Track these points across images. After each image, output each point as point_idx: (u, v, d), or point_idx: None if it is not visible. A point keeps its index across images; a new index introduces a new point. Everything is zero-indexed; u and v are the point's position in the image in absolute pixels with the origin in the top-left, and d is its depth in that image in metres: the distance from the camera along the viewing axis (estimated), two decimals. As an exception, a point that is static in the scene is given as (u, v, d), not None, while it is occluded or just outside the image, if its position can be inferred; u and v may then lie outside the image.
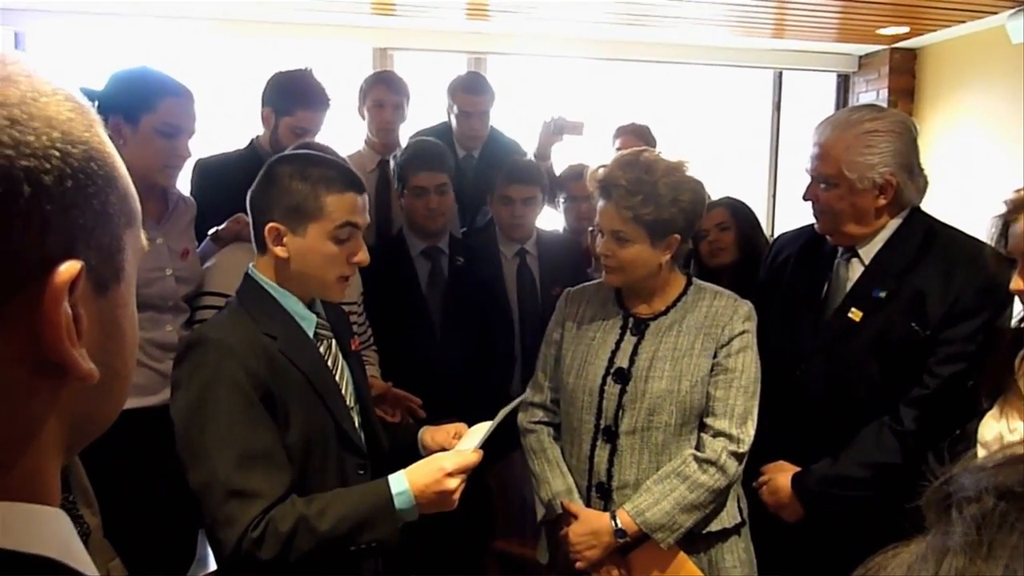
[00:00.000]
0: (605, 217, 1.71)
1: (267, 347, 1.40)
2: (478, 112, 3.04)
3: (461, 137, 3.03)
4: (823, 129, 1.84)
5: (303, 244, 1.44)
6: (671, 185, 1.66)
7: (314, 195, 1.42)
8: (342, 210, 1.44)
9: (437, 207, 2.50)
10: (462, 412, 2.18)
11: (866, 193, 1.79)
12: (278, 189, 1.43)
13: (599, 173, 1.71)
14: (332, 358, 1.55)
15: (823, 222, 1.88)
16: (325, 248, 1.44)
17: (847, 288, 1.86)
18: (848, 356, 1.81)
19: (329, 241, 1.44)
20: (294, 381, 1.41)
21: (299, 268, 1.45)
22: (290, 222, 1.43)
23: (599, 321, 1.83)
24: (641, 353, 1.74)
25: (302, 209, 1.42)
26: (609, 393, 1.73)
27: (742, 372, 1.71)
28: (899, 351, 1.76)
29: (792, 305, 1.93)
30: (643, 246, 1.70)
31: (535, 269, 2.74)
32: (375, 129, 3.02)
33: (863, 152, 1.77)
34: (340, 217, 1.44)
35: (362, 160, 2.93)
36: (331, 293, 1.52)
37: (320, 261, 1.45)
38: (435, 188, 2.49)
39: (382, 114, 2.98)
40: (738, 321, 1.74)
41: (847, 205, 1.81)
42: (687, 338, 1.73)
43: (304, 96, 2.50)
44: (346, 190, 1.45)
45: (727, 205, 2.78)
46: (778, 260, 2.06)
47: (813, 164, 1.84)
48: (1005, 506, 0.37)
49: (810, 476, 1.83)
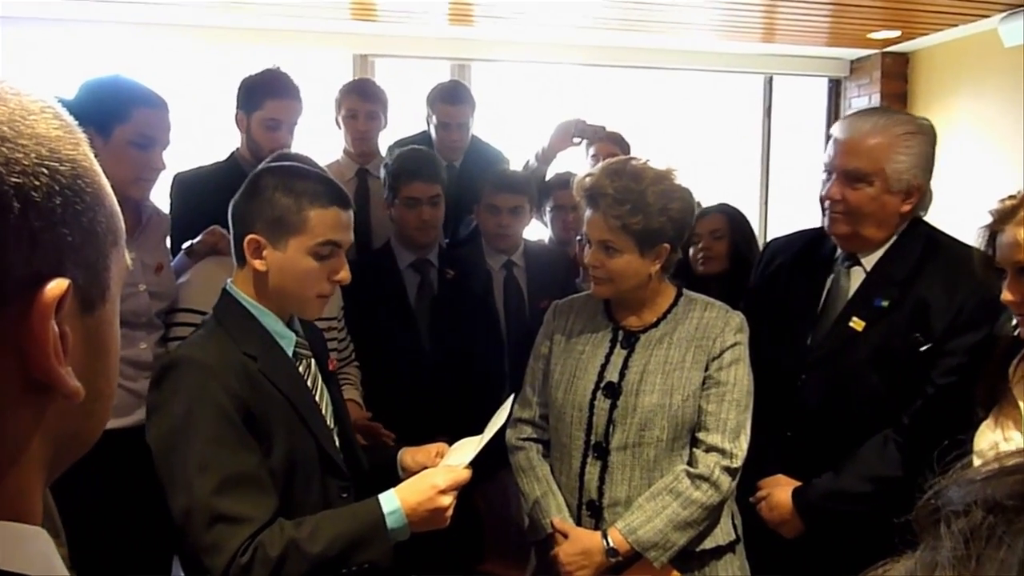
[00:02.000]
0: (593, 227, 1.72)
1: (247, 367, 1.40)
2: (457, 123, 3.05)
3: (441, 147, 3.04)
4: (857, 124, 1.82)
5: (283, 258, 1.44)
6: (660, 193, 1.68)
7: (297, 208, 1.42)
8: (325, 226, 1.44)
9: (430, 219, 2.50)
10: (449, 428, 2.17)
11: (896, 196, 1.80)
12: (261, 200, 1.44)
13: (586, 182, 1.72)
14: (312, 378, 1.55)
15: (842, 223, 1.83)
16: (305, 264, 1.44)
17: (848, 296, 1.87)
18: (849, 367, 1.81)
19: (309, 257, 1.44)
20: (275, 403, 1.41)
21: (278, 283, 1.45)
22: (271, 235, 1.43)
23: (588, 334, 1.83)
24: (631, 367, 1.75)
25: (284, 222, 1.43)
26: (599, 408, 1.74)
27: (734, 385, 1.72)
28: (901, 361, 1.77)
29: (788, 314, 1.94)
30: (632, 256, 1.71)
31: (522, 281, 2.75)
32: (350, 139, 3.04)
33: (903, 152, 1.78)
34: (322, 233, 1.44)
35: (340, 170, 2.93)
36: (309, 310, 1.52)
37: (299, 277, 1.45)
38: (428, 199, 2.49)
39: (356, 124, 3.00)
40: (730, 333, 1.75)
41: (877, 206, 1.80)
42: (678, 351, 1.74)
43: (270, 86, 2.49)
44: (330, 205, 1.45)
45: (724, 213, 2.79)
46: (771, 267, 2.07)
47: (842, 159, 1.80)
48: (993, 520, 0.38)
49: (811, 491, 1.83)
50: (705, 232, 2.72)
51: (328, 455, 1.49)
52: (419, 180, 2.48)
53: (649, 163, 1.73)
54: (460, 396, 2.46)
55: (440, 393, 2.45)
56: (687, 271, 2.71)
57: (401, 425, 2.29)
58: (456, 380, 2.48)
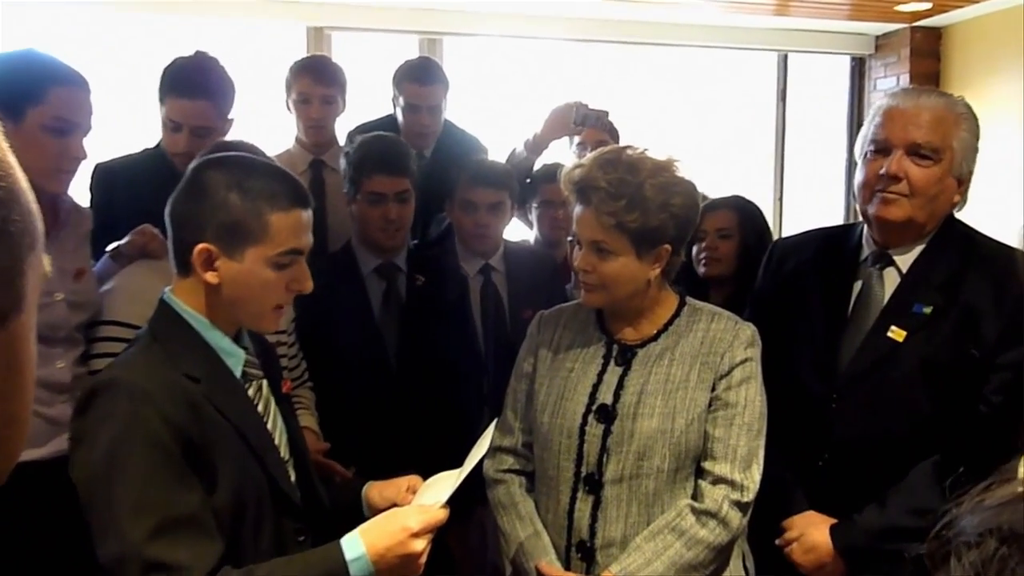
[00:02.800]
0: (583, 225, 1.73)
1: (188, 391, 1.39)
2: (428, 105, 3.05)
3: (409, 134, 3.04)
4: (916, 95, 1.84)
5: (238, 270, 1.43)
6: (659, 187, 1.68)
7: (256, 213, 1.42)
8: (288, 232, 1.44)
9: (397, 217, 2.49)
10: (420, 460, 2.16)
11: (952, 183, 1.82)
12: (211, 203, 1.42)
13: (575, 174, 1.72)
14: (263, 402, 1.54)
15: (900, 206, 1.82)
16: (264, 275, 1.44)
17: (883, 303, 1.89)
18: (892, 383, 1.82)
19: (268, 267, 1.44)
20: (221, 432, 1.40)
21: (232, 296, 1.45)
22: (225, 244, 1.42)
23: (578, 349, 1.83)
24: (628, 386, 1.75)
25: (241, 229, 1.42)
26: (591, 434, 1.74)
27: (745, 407, 1.73)
28: (951, 376, 1.78)
29: (808, 325, 1.95)
30: (628, 259, 1.71)
31: (503, 288, 2.75)
32: (303, 127, 3.03)
33: (964, 132, 1.81)
34: (285, 242, 1.44)
35: (292, 161, 2.92)
36: (265, 324, 1.52)
37: (257, 289, 1.45)
38: (395, 195, 2.48)
39: (309, 109, 2.99)
40: (740, 347, 1.76)
41: (939, 190, 1.81)
42: (681, 368, 1.75)
43: (175, 82, 2.44)
44: (292, 207, 1.45)
45: (734, 208, 2.77)
46: (782, 271, 2.08)
47: (908, 131, 1.80)
48: (1007, 551, 0.39)
49: (853, 529, 1.83)
50: (711, 230, 2.70)
51: (282, 492, 1.48)
52: (384, 172, 2.47)
53: (647, 152, 1.73)
54: (432, 422, 2.45)
55: (409, 418, 2.45)
56: (690, 274, 2.70)
57: (364, 456, 2.28)
58: (427, 403, 2.48)
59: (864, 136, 1.91)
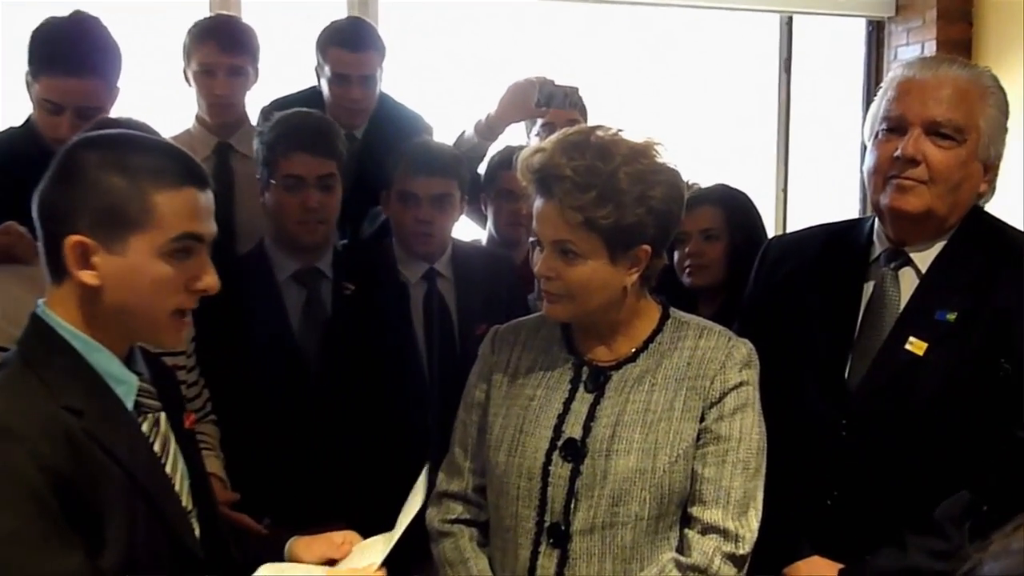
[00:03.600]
0: (545, 223, 1.73)
1: (68, 427, 1.36)
2: (359, 76, 3.04)
3: (336, 110, 3.03)
4: (938, 65, 1.86)
5: (122, 265, 1.41)
6: (636, 176, 1.69)
7: (138, 193, 1.41)
8: (179, 214, 1.43)
9: (319, 207, 2.49)
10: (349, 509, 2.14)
11: (978, 168, 1.85)
12: (84, 187, 1.41)
13: (534, 160, 1.72)
14: (160, 440, 1.52)
15: (917, 195, 1.84)
16: (155, 269, 1.42)
17: (899, 309, 1.91)
18: (910, 404, 1.84)
19: (160, 260, 1.42)
20: (108, 476, 1.38)
21: (117, 301, 1.43)
22: (102, 233, 1.41)
23: (540, 372, 1.84)
24: (600, 417, 1.76)
25: (120, 214, 1.40)
26: (556, 476, 1.74)
27: (740, 441, 1.74)
28: (980, 395, 1.81)
29: (811, 336, 1.97)
30: (599, 263, 1.72)
31: (450, 298, 2.75)
32: (205, 103, 3.01)
33: (993, 109, 1.84)
34: (177, 225, 1.42)
35: (192, 143, 2.89)
36: (164, 336, 1.50)
37: (147, 288, 1.43)
38: (317, 180, 2.48)
39: (213, 83, 2.96)
40: (733, 369, 1.77)
41: (963, 176, 1.84)
42: (664, 394, 1.76)
43: (53, 56, 2.41)
44: (182, 184, 1.44)
45: (720, 202, 2.78)
46: (777, 274, 2.10)
47: (927, 106, 1.83)
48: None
49: (866, 573, 1.85)
50: (694, 231, 2.71)
51: (185, 549, 1.47)
52: (304, 151, 2.47)
53: (621, 134, 1.74)
54: (363, 462, 2.45)
55: (335, 458, 2.44)
56: (673, 284, 2.70)
57: (280, 505, 2.27)
58: (358, 439, 2.47)
59: (875, 113, 1.93)
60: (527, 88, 2.97)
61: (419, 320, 2.72)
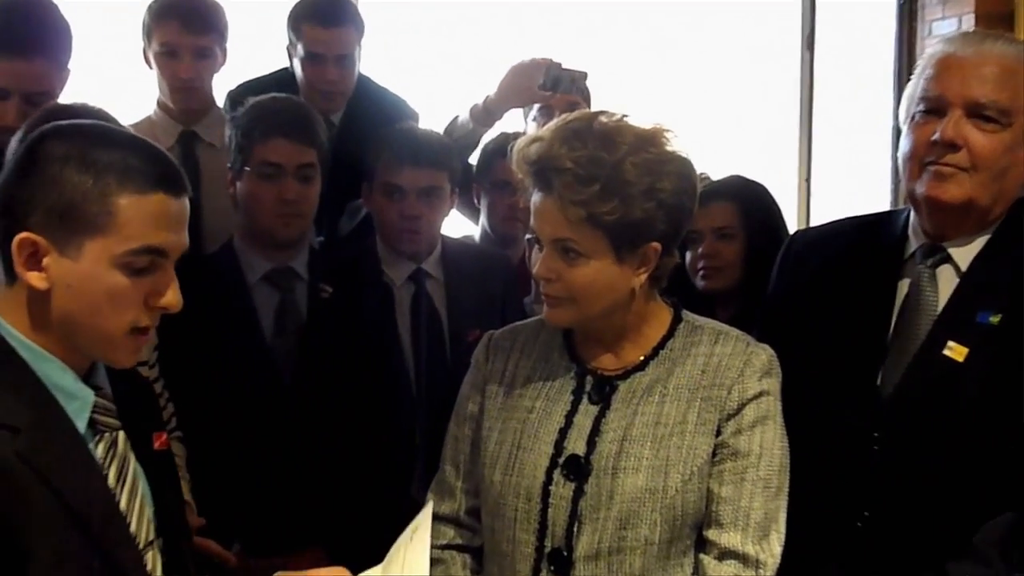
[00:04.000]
0: (544, 219, 1.73)
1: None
2: (335, 55, 3.05)
3: (310, 93, 3.03)
4: (980, 41, 1.86)
5: (74, 270, 1.40)
6: (644, 166, 1.69)
7: (99, 193, 1.39)
8: (143, 222, 1.41)
9: (297, 199, 2.49)
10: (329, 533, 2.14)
11: None
12: (42, 180, 1.40)
13: (531, 150, 1.72)
14: (117, 463, 1.49)
15: (957, 183, 1.84)
16: (109, 280, 1.41)
17: (936, 310, 1.91)
18: (950, 416, 1.84)
19: (116, 270, 1.41)
20: (39, 507, 1.35)
21: (65, 309, 1.42)
22: (56, 233, 1.39)
23: (540, 382, 1.83)
24: (606, 431, 1.75)
25: (76, 213, 1.39)
26: (558, 496, 1.74)
27: (760, 457, 1.74)
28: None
29: (839, 341, 1.96)
30: (604, 262, 1.71)
31: (440, 302, 2.75)
32: (168, 88, 3.00)
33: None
34: (139, 235, 1.40)
35: (153, 131, 2.90)
36: (117, 354, 1.48)
37: (100, 300, 1.41)
38: (296, 169, 2.48)
39: (176, 66, 2.96)
40: (752, 377, 1.77)
41: (1008, 162, 1.84)
42: (676, 405, 1.76)
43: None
44: (152, 188, 1.42)
45: (735, 196, 2.77)
46: (802, 271, 2.10)
47: (969, 86, 1.83)
48: None
49: None
50: (707, 229, 2.71)
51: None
52: (284, 137, 2.48)
53: (627, 120, 1.73)
54: (344, 483, 2.45)
55: (312, 477, 2.43)
56: (686, 287, 2.68)
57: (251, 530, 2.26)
58: (338, 457, 2.47)
59: (911, 94, 1.93)
60: (531, 70, 2.95)
61: (405, 326, 2.72)
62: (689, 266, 2.73)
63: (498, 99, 3.00)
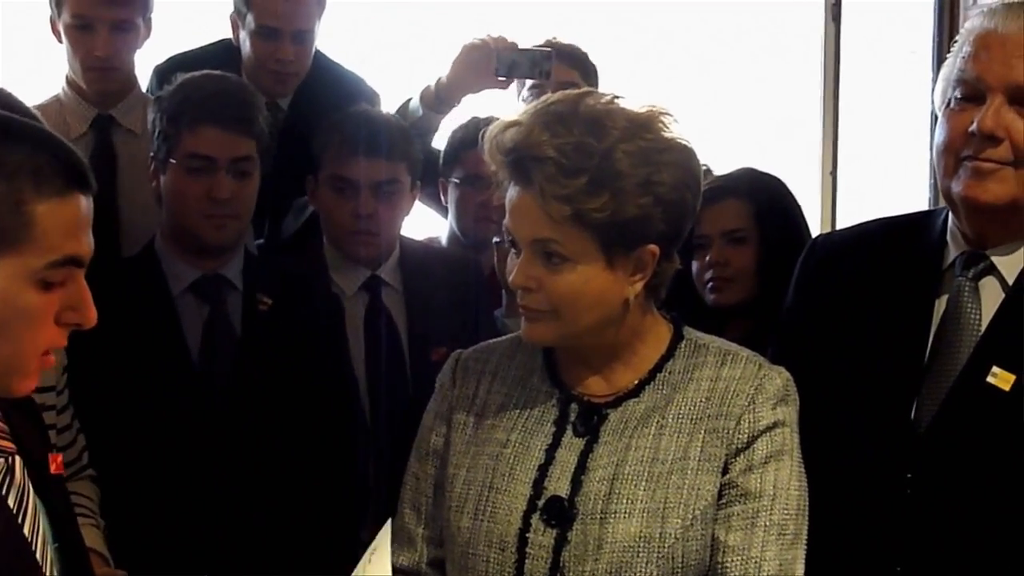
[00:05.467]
0: (522, 217, 1.73)
1: None
2: (293, 31, 3.06)
3: (258, 73, 3.05)
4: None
5: None
6: (639, 155, 1.69)
7: (12, 200, 1.38)
8: (63, 231, 1.40)
9: (231, 197, 2.50)
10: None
11: None
12: None
13: (506, 137, 1.72)
14: (16, 493, 1.50)
15: (999, 181, 1.85)
16: (22, 299, 1.39)
17: (980, 330, 1.92)
18: (995, 453, 1.85)
19: (31, 287, 1.40)
20: None
21: None
22: None
23: (516, 411, 1.84)
24: (593, 469, 1.75)
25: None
26: (537, 545, 1.74)
27: (774, 499, 1.73)
28: None
29: (868, 364, 1.97)
30: (592, 268, 1.71)
31: (398, 315, 2.77)
32: (80, 66, 2.99)
33: None
34: (58, 245, 1.40)
35: (63, 115, 2.90)
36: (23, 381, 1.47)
37: (12, 322, 1.40)
38: (230, 162, 2.49)
39: (91, 40, 2.94)
40: (765, 405, 1.77)
41: None
42: (676, 439, 1.76)
43: None
44: (67, 190, 1.42)
45: (747, 194, 2.77)
46: (826, 282, 2.11)
47: (1009, 67, 1.83)
48: None
49: None
50: (716, 233, 2.72)
51: None
52: (216, 126, 2.49)
53: (618, 102, 1.74)
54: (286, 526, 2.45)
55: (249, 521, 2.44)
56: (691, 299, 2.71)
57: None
58: (278, 496, 2.47)
59: (947, 76, 1.93)
60: (481, 51, 2.99)
61: (358, 343, 2.73)
62: (696, 277, 2.73)
63: (449, 84, 3.04)
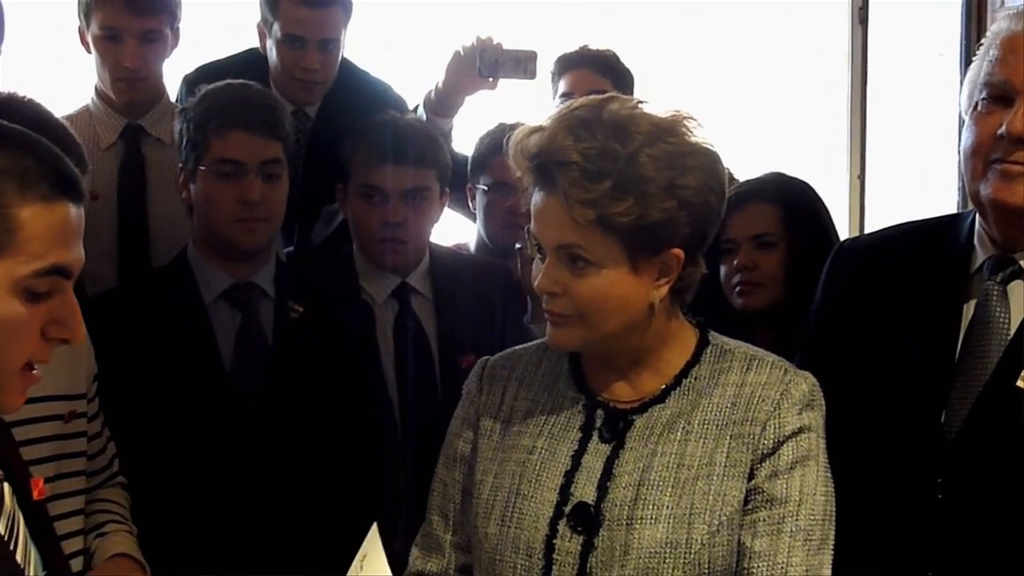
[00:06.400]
0: (547, 222, 1.73)
1: None
2: (319, 39, 3.06)
3: (285, 82, 3.06)
4: None
5: None
6: (663, 159, 1.68)
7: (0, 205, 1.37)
8: (50, 238, 1.39)
9: (261, 201, 2.50)
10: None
11: None
12: None
13: (530, 142, 1.72)
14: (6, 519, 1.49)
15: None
16: (6, 309, 1.38)
17: (1009, 334, 1.91)
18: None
19: (14, 297, 1.38)
20: None
21: None
22: None
23: (542, 417, 1.83)
24: (620, 475, 1.75)
25: None
26: (564, 551, 1.73)
27: (800, 505, 1.72)
28: None
29: (895, 370, 1.96)
30: (617, 272, 1.71)
31: (429, 322, 2.77)
32: (110, 76, 3.00)
33: None
34: (45, 253, 1.38)
35: (93, 125, 2.92)
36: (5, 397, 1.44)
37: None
38: (259, 166, 2.49)
39: (120, 51, 2.96)
40: (791, 411, 1.76)
41: None
42: (702, 445, 1.75)
43: None
44: (56, 196, 1.40)
45: (776, 198, 2.77)
46: (853, 287, 2.10)
47: None
48: None
49: None
50: (743, 237, 2.71)
51: None
52: (244, 130, 2.49)
53: (642, 107, 1.73)
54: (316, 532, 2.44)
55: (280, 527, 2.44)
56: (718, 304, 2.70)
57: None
58: (309, 502, 2.47)
59: (974, 79, 1.92)
60: (468, 54, 3.02)
61: (388, 350, 2.74)
62: (724, 282, 2.73)
63: (444, 88, 3.06)
